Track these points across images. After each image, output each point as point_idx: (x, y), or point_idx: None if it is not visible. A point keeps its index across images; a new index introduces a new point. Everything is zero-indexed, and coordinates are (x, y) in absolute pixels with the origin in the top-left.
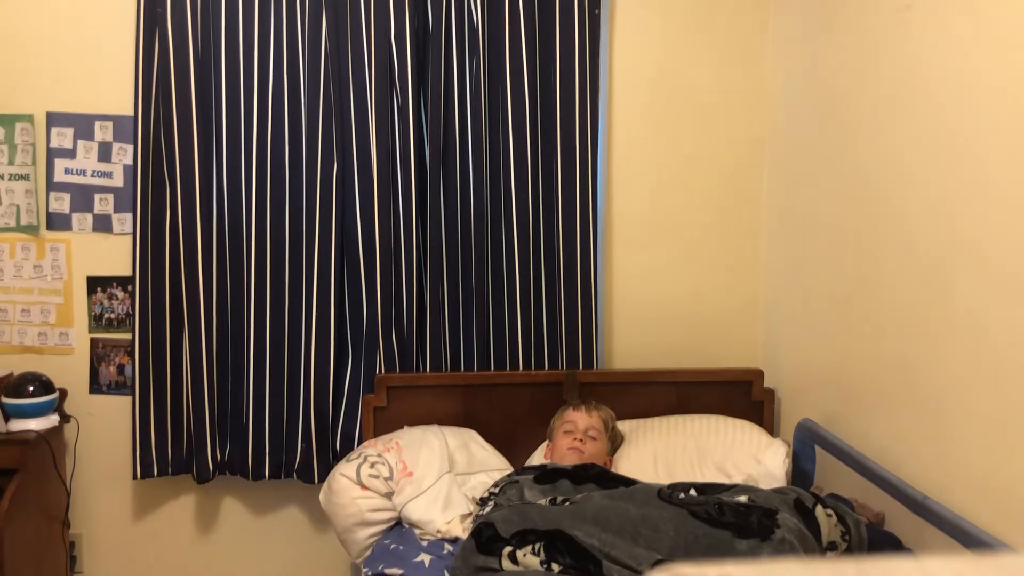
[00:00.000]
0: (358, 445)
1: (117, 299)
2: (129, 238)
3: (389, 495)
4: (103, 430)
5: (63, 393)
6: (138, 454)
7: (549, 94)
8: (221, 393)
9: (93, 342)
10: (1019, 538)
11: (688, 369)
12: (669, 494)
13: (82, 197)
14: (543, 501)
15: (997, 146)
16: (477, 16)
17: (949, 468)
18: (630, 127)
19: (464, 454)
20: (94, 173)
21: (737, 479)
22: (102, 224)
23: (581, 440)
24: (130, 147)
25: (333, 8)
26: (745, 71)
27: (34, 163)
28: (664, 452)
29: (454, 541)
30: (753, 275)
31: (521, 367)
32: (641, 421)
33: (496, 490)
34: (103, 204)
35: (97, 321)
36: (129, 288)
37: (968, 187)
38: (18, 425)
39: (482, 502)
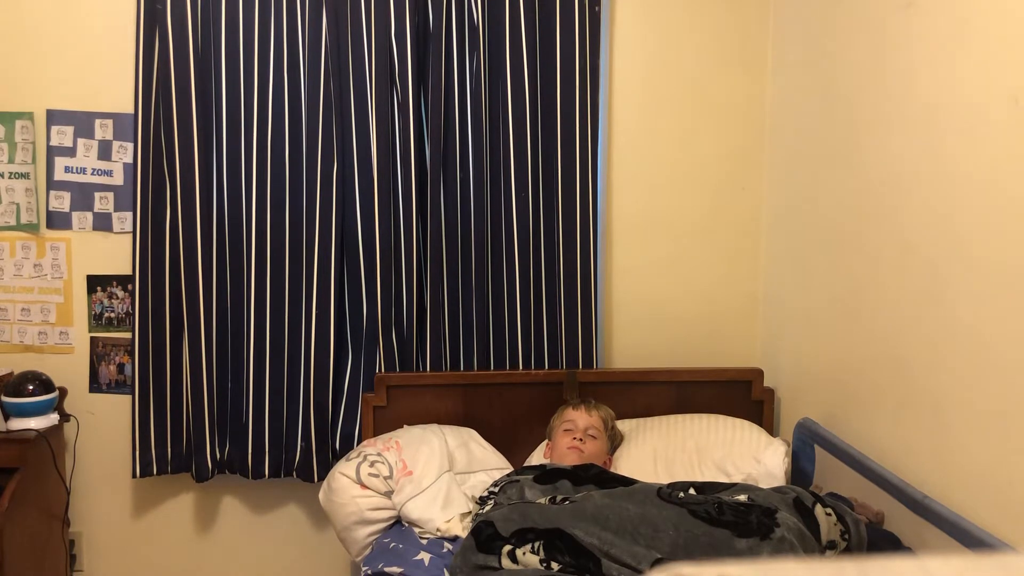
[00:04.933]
0: (358, 444)
1: (117, 298)
2: (129, 237)
3: (389, 494)
4: (103, 429)
5: (63, 392)
6: (138, 453)
7: (549, 92)
8: (221, 392)
9: (93, 341)
10: (1019, 537)
11: (688, 368)
12: (669, 493)
13: (82, 196)
14: (543, 500)
15: (996, 145)
16: (477, 14)
17: (949, 467)
18: (630, 125)
19: (464, 453)
20: (94, 171)
21: (737, 478)
22: (102, 223)
23: (581, 439)
24: (130, 145)
25: (333, 6)
26: (746, 69)
27: (34, 161)
28: (664, 451)
29: (453, 540)
30: (753, 274)
31: (521, 367)
32: (641, 420)
33: (496, 489)
34: (103, 203)
35: (97, 320)
36: (129, 287)
37: (967, 186)
38: (18, 424)
39: (481, 501)
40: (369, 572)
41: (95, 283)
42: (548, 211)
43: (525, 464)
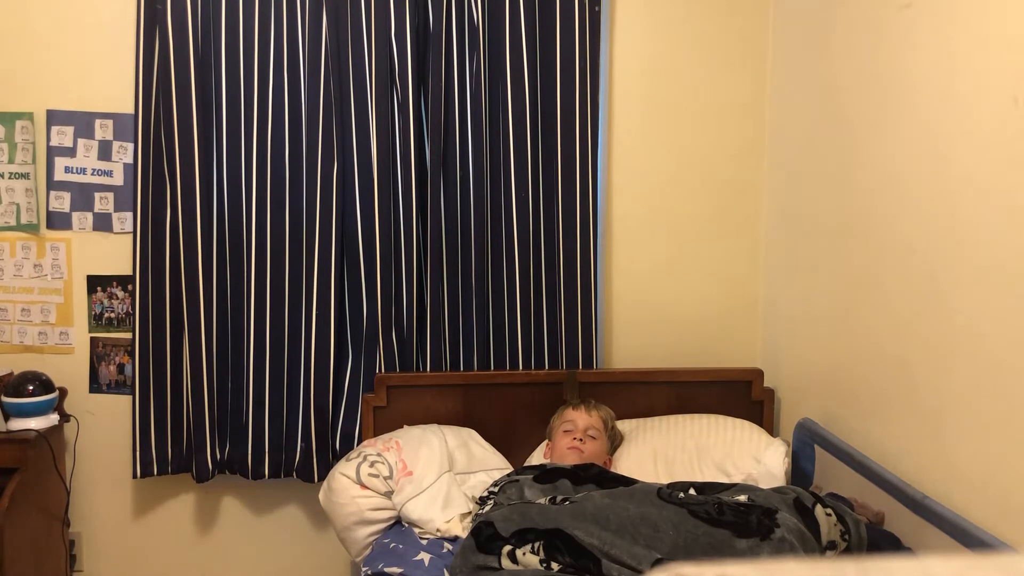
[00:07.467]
0: (358, 444)
1: (117, 298)
2: (129, 237)
3: (389, 494)
4: (103, 429)
5: (63, 392)
6: (138, 453)
7: (549, 93)
8: (221, 392)
9: (93, 341)
10: (1019, 538)
11: (688, 369)
12: (669, 493)
13: (82, 196)
14: (543, 500)
15: (997, 146)
16: (477, 14)
17: (948, 467)
18: (630, 126)
19: (464, 453)
20: (94, 172)
21: (737, 478)
22: (102, 223)
23: (581, 439)
24: (130, 145)
25: (333, 6)
26: (746, 70)
27: (34, 161)
28: (664, 451)
29: (453, 540)
30: (753, 275)
31: (521, 367)
32: (641, 421)
33: (496, 489)
34: (103, 203)
35: (97, 320)
36: (129, 287)
37: (967, 187)
38: (18, 424)
39: (481, 501)
40: (369, 572)
41: (95, 283)
42: (548, 211)
43: (525, 464)
